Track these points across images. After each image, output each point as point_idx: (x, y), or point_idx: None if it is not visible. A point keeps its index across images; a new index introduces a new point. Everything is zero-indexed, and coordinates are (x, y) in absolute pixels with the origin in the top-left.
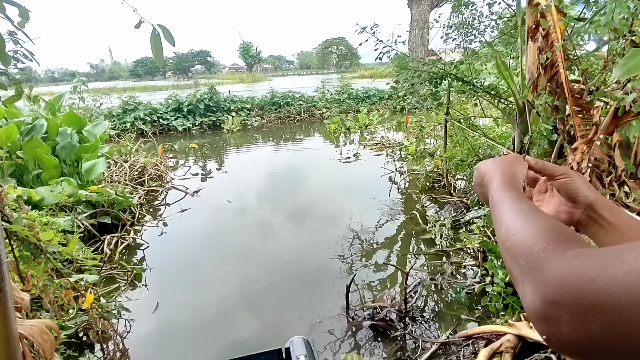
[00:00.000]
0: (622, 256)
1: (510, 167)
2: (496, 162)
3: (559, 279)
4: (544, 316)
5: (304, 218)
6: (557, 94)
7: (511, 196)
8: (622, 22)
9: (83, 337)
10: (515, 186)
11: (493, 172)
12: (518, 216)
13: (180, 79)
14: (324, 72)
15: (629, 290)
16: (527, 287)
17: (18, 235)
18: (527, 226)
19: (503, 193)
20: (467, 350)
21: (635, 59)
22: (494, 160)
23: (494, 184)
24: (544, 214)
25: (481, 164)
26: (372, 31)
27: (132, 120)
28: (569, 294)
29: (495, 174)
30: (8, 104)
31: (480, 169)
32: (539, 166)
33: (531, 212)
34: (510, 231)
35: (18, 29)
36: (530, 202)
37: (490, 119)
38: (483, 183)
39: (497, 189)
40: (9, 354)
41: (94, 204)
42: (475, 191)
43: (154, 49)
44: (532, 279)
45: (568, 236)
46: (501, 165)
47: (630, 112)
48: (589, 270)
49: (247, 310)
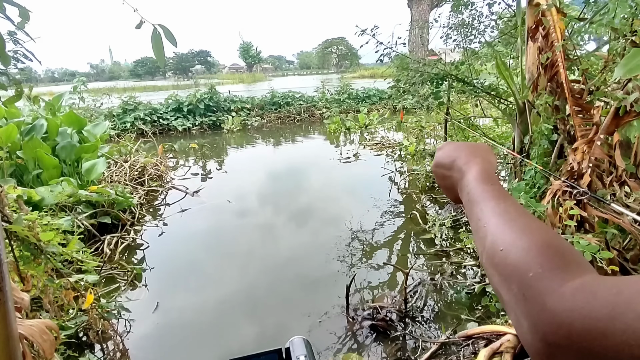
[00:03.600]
0: (635, 300)
1: (488, 155)
2: (471, 146)
3: (560, 319)
4: (545, 356)
5: (304, 218)
6: (557, 94)
7: (494, 193)
8: (623, 22)
9: (83, 337)
10: (496, 180)
11: (468, 157)
12: (506, 224)
13: (180, 79)
14: (324, 72)
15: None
16: (522, 320)
17: (18, 236)
18: (518, 241)
19: (484, 186)
20: (467, 350)
21: (636, 59)
22: (467, 145)
23: (472, 173)
24: (535, 221)
25: (448, 144)
26: (372, 33)
27: (132, 120)
28: (572, 340)
29: (471, 159)
30: (8, 104)
31: (448, 150)
32: None
33: (521, 218)
34: (498, 245)
35: (18, 28)
36: (517, 202)
37: (490, 119)
38: (453, 166)
39: (476, 179)
40: (9, 354)
41: (94, 204)
42: (436, 175)
43: (155, 49)
44: (528, 313)
45: (567, 257)
46: (478, 151)
47: (631, 112)
48: (595, 313)
49: (247, 309)
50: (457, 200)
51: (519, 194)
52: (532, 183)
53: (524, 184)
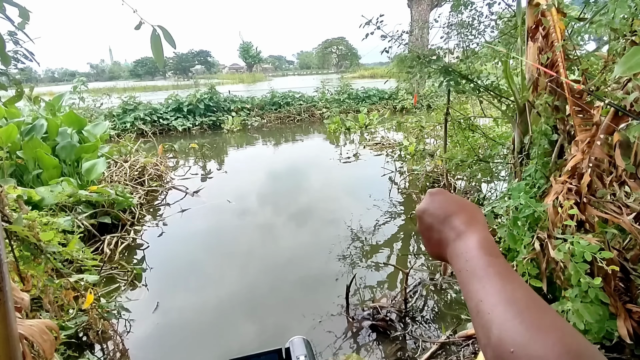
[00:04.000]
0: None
1: (485, 223)
2: (470, 206)
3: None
4: None
5: (304, 218)
6: (557, 93)
7: (499, 269)
8: (623, 22)
9: (83, 337)
10: (499, 252)
11: (469, 219)
12: (517, 317)
13: (180, 79)
14: (324, 72)
15: None
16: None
17: (18, 236)
18: (533, 344)
19: (488, 258)
20: (467, 350)
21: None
22: (465, 203)
23: (473, 239)
24: (549, 312)
25: (442, 193)
26: (377, 25)
27: (132, 120)
28: None
29: (473, 222)
30: (8, 104)
31: (443, 201)
32: None
33: (533, 308)
34: (508, 344)
35: (18, 29)
36: (524, 282)
37: (490, 119)
38: (448, 222)
39: (479, 248)
40: (9, 354)
41: (94, 204)
42: (421, 222)
43: (154, 50)
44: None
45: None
46: (478, 214)
47: (631, 111)
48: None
49: (247, 309)
50: (439, 257)
51: (519, 194)
52: (532, 183)
53: (524, 184)
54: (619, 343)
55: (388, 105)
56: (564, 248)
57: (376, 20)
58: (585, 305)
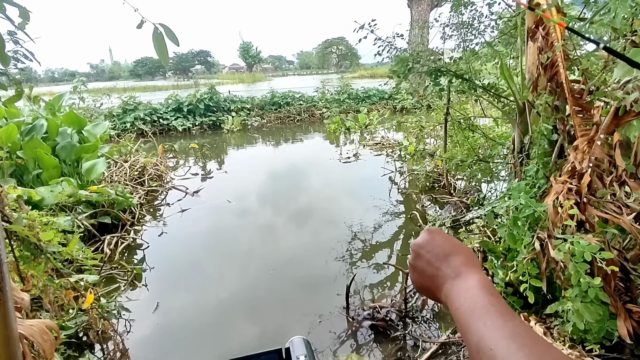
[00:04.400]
0: None
1: (479, 261)
2: (468, 249)
3: None
4: None
5: (304, 218)
6: (557, 93)
7: (500, 308)
8: (623, 22)
9: (83, 337)
10: (497, 292)
11: (469, 260)
12: (520, 349)
13: (180, 79)
14: (324, 72)
15: None
16: None
17: (18, 235)
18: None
19: (489, 298)
20: (467, 350)
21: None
22: (463, 245)
23: (474, 279)
24: (549, 349)
25: (439, 233)
26: (371, 28)
27: (132, 120)
28: None
29: (473, 263)
30: (8, 104)
31: (442, 241)
32: None
33: (533, 345)
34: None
35: (18, 29)
36: (523, 321)
37: (490, 119)
38: (446, 261)
39: (480, 288)
40: (9, 354)
41: (94, 204)
42: (417, 258)
43: (157, 48)
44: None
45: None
46: (471, 253)
47: (631, 111)
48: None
49: (247, 309)
50: (427, 292)
51: (519, 194)
52: (532, 183)
53: (524, 184)
54: (619, 343)
55: (388, 105)
56: (564, 248)
57: (369, 25)
58: (585, 305)
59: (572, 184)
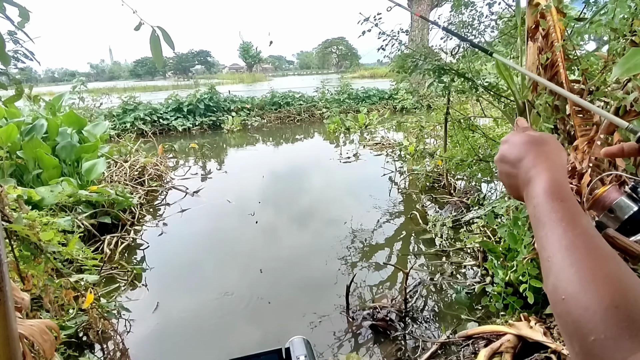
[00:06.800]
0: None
1: (559, 157)
2: (540, 143)
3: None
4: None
5: (304, 218)
6: (557, 93)
7: (564, 214)
8: (622, 22)
9: (83, 337)
10: (569, 194)
11: (537, 159)
12: (572, 266)
13: (180, 79)
14: (324, 72)
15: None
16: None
17: (18, 235)
18: (582, 294)
19: (552, 204)
20: (467, 350)
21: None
22: (536, 140)
23: (540, 182)
24: (608, 263)
25: (515, 135)
26: (375, 22)
27: (132, 120)
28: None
29: (540, 163)
30: (8, 104)
31: (515, 144)
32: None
33: (590, 257)
34: (560, 292)
35: (18, 28)
36: (589, 228)
37: (490, 119)
38: (519, 166)
39: (545, 192)
40: (9, 354)
41: (94, 204)
42: (499, 170)
43: (153, 50)
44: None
45: (637, 323)
46: (548, 151)
47: (631, 111)
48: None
49: (247, 309)
50: (520, 199)
51: None
52: None
53: None
54: None
55: (388, 105)
56: None
57: (374, 18)
58: None
59: (572, 183)
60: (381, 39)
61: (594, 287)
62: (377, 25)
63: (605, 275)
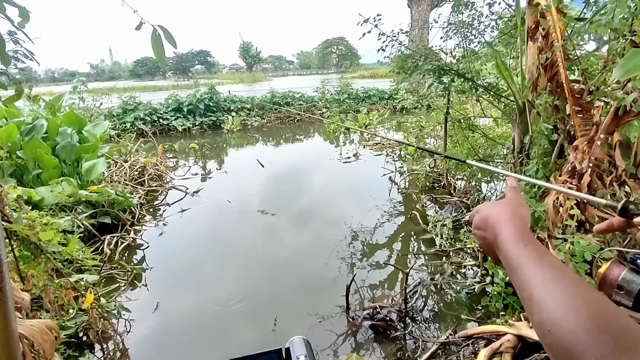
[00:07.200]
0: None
1: (520, 209)
2: (501, 203)
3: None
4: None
5: (304, 218)
6: (557, 93)
7: (532, 254)
8: (622, 22)
9: (83, 337)
10: (531, 237)
11: (499, 215)
12: (549, 297)
13: (180, 79)
14: (324, 72)
15: None
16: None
17: (18, 235)
18: (564, 321)
19: (518, 248)
20: (467, 350)
21: (635, 59)
22: (499, 202)
23: (505, 233)
24: (583, 285)
25: (482, 206)
26: (375, 22)
27: (132, 120)
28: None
29: (502, 216)
30: (8, 104)
31: (482, 210)
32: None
33: (563, 287)
34: (545, 324)
35: (18, 29)
36: (558, 260)
37: (490, 119)
38: (487, 227)
39: (511, 240)
40: (9, 354)
41: (94, 204)
42: (475, 237)
43: (155, 49)
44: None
45: (621, 340)
46: (508, 206)
47: (631, 111)
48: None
49: (247, 309)
50: (498, 261)
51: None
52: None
53: (524, 184)
54: None
55: (388, 105)
56: (565, 248)
57: (373, 19)
58: None
59: (572, 183)
60: (381, 39)
61: (574, 311)
62: (376, 26)
63: (582, 299)
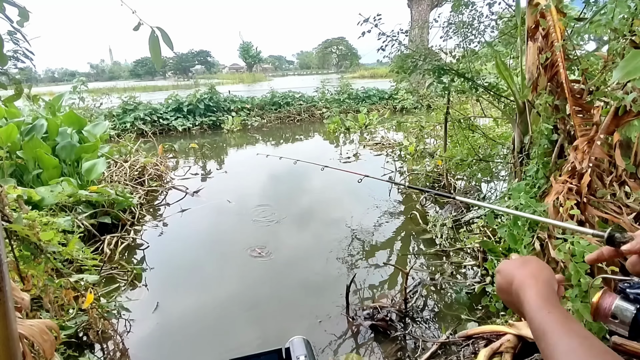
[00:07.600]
0: None
1: (542, 273)
2: (523, 265)
3: None
4: None
5: (304, 218)
6: (557, 93)
7: (557, 324)
8: (622, 22)
9: (83, 337)
10: (556, 302)
11: (523, 279)
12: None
13: (180, 79)
14: (324, 72)
15: None
16: None
17: (18, 235)
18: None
19: (542, 315)
20: (467, 350)
21: (635, 61)
22: (520, 263)
23: (528, 299)
24: (610, 355)
25: (504, 265)
26: (375, 22)
27: (132, 120)
28: None
29: (525, 281)
30: (8, 104)
31: (504, 272)
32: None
33: (593, 354)
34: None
35: (16, 29)
36: (583, 328)
37: (490, 119)
38: (511, 291)
39: (534, 307)
40: (9, 354)
41: (94, 204)
42: (501, 299)
43: (152, 51)
44: None
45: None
46: (531, 269)
47: (631, 111)
48: None
49: (247, 309)
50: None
51: (519, 194)
52: (532, 183)
53: (524, 184)
54: None
55: (388, 105)
56: (564, 248)
57: (373, 19)
58: (585, 305)
59: (572, 183)
60: (381, 39)
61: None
62: (376, 26)
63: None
